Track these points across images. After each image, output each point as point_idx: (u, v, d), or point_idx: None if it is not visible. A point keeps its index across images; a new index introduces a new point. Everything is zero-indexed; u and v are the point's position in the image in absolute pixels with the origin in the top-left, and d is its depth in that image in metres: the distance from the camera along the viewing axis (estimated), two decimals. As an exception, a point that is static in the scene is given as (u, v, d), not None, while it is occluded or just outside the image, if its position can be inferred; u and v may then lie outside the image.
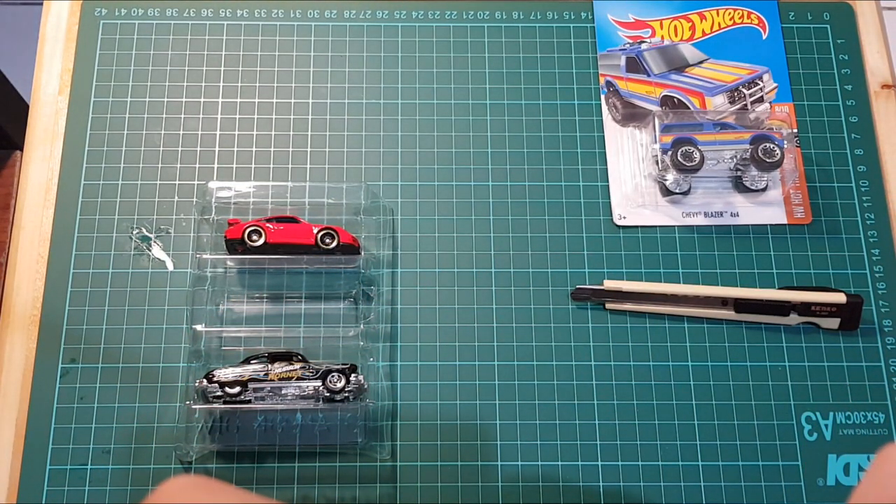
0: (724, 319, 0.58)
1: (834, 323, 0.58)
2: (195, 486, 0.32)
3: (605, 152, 0.62)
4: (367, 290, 0.58)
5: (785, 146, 0.59)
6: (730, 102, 0.64)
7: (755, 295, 0.58)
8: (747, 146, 0.60)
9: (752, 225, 0.61)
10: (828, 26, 0.66)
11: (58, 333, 0.56)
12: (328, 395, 0.53)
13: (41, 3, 0.65)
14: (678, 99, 0.64)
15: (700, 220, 0.61)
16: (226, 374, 0.53)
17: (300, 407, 0.54)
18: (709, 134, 0.60)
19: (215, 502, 0.31)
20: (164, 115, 0.62)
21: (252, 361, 0.54)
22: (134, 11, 0.65)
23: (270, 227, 0.57)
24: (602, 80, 0.64)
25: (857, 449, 0.55)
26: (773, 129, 0.60)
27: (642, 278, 0.59)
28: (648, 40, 0.66)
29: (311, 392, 0.53)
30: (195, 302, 0.57)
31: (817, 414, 0.56)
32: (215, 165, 0.61)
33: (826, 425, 0.56)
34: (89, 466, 0.54)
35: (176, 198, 0.60)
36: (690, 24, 0.67)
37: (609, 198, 0.61)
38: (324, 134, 0.62)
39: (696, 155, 0.59)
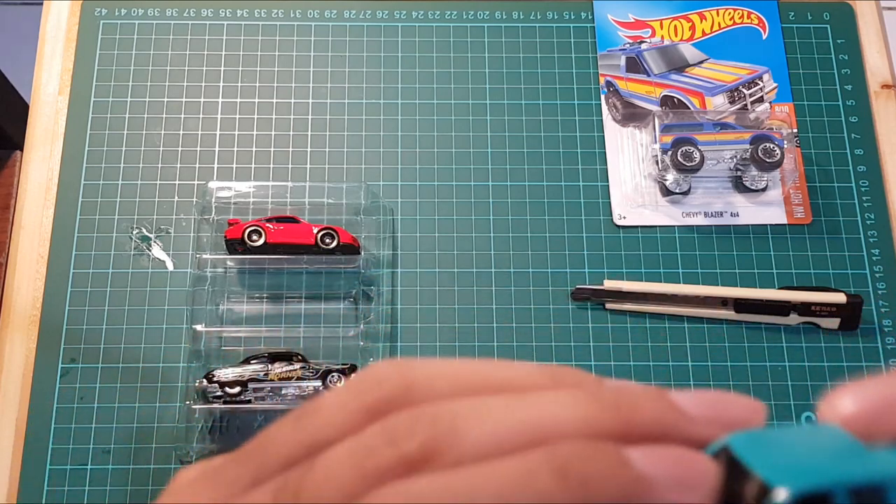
0: (724, 319, 0.58)
1: (834, 323, 0.58)
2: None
3: (605, 152, 0.62)
4: (367, 290, 0.58)
5: (785, 146, 0.59)
6: (730, 102, 0.64)
7: (755, 295, 0.58)
8: (747, 146, 0.60)
9: (752, 225, 0.61)
10: (828, 26, 0.66)
11: (58, 333, 0.56)
12: (328, 395, 0.53)
13: (41, 3, 0.65)
14: (678, 99, 0.64)
15: (700, 220, 0.61)
16: (226, 374, 0.53)
17: (300, 407, 0.54)
18: (709, 134, 0.60)
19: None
20: (164, 115, 0.62)
21: (252, 361, 0.54)
22: (134, 11, 0.65)
23: (270, 227, 0.57)
24: (602, 80, 0.64)
25: (857, 449, 0.55)
26: (773, 129, 0.60)
27: (642, 278, 0.59)
28: (648, 40, 0.66)
29: (311, 392, 0.53)
30: (195, 302, 0.57)
31: (817, 414, 0.56)
32: (215, 165, 0.61)
33: (826, 425, 0.56)
34: (89, 466, 0.54)
35: (176, 198, 0.60)
36: (690, 24, 0.66)
37: (609, 198, 0.61)
38: (324, 134, 0.62)
39: (696, 155, 0.59)
